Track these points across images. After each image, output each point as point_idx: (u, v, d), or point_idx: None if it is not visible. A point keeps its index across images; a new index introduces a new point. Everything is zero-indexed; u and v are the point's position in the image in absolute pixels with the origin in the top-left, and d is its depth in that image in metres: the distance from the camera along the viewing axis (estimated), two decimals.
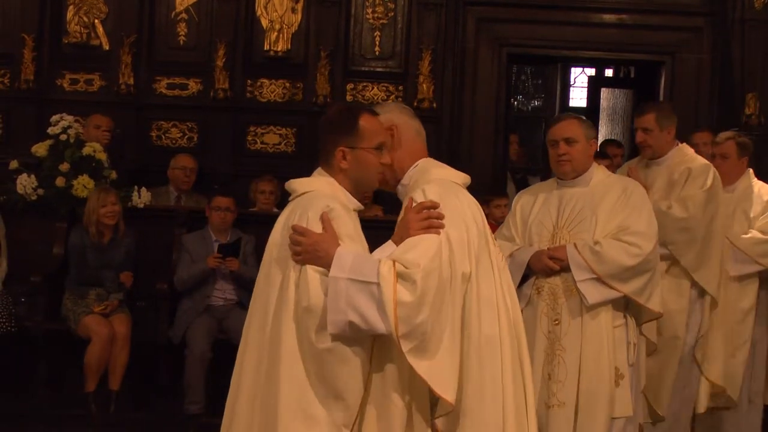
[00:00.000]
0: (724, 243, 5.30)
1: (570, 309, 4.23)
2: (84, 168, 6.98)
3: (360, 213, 3.21)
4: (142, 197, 7.15)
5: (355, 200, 3.19)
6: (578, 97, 16.11)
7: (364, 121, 3.15)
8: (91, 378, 6.30)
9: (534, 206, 4.47)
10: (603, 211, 4.31)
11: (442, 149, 8.25)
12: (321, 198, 3.06)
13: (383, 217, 7.08)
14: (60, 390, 6.62)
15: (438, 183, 3.19)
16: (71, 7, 8.44)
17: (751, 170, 5.79)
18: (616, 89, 11.06)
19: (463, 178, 3.31)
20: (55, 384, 6.63)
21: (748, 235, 5.58)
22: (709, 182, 5.12)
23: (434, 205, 3.07)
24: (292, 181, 3.21)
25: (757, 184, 5.78)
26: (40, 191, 6.95)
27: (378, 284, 2.88)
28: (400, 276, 2.89)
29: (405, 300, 2.87)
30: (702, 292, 5.15)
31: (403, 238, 3.04)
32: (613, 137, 10.27)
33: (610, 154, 7.21)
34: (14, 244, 6.81)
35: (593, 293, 4.19)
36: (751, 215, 5.66)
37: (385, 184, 3.34)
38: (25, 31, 8.33)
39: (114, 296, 6.52)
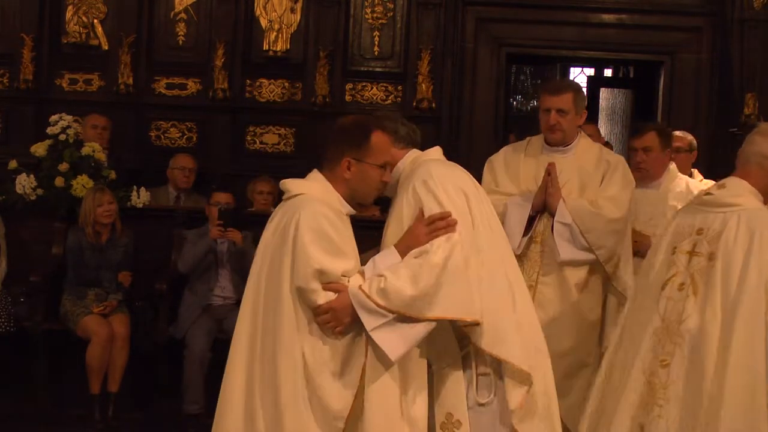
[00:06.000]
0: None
1: None
2: (83, 168, 6.98)
3: (358, 212, 3.25)
4: (141, 197, 7.14)
5: (348, 205, 3.23)
6: None
7: (376, 138, 3.22)
8: (94, 379, 6.28)
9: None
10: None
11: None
12: (312, 202, 3.11)
13: (381, 217, 7.06)
14: (59, 390, 6.61)
15: None
16: (70, 7, 8.44)
17: (673, 164, 5.32)
18: (615, 89, 11.06)
19: None
20: (54, 384, 6.61)
21: None
22: (629, 178, 4.72)
23: (444, 216, 3.15)
24: (286, 180, 3.26)
25: (684, 179, 5.32)
26: (39, 191, 6.93)
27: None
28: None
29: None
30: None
31: (411, 247, 3.12)
32: (612, 137, 10.27)
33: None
34: (13, 244, 6.80)
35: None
36: None
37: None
38: (24, 31, 8.34)
39: (113, 296, 6.51)
